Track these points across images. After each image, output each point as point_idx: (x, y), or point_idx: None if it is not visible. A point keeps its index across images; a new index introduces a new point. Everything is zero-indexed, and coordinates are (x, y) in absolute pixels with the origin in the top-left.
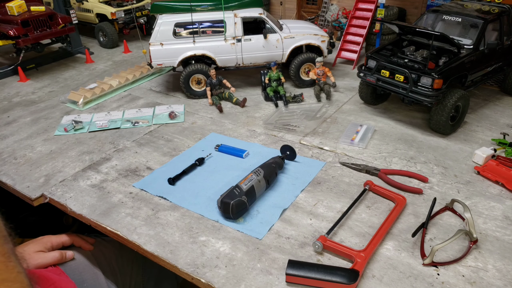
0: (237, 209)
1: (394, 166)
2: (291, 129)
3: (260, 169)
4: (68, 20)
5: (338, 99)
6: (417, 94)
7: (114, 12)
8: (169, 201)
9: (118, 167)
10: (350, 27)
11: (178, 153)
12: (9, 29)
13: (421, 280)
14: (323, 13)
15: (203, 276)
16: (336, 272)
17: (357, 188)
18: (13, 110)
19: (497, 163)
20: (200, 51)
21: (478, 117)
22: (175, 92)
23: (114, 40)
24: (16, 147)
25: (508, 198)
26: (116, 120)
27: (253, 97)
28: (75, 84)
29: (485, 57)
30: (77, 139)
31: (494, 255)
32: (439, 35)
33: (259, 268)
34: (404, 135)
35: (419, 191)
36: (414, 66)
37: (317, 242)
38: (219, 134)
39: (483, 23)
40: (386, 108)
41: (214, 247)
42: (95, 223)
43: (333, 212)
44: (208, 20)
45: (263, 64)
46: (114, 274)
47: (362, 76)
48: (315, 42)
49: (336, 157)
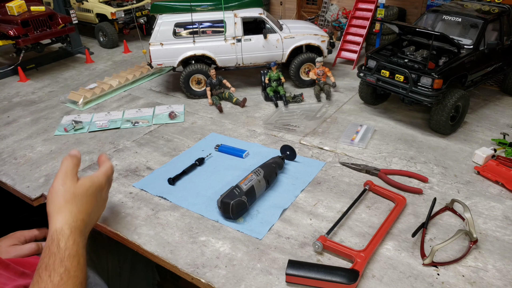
0: (237, 209)
1: (394, 166)
2: (291, 129)
3: (260, 169)
4: (68, 20)
5: (338, 99)
6: (417, 94)
7: (114, 12)
8: (169, 201)
9: (118, 167)
10: (350, 27)
11: (178, 153)
12: (9, 29)
13: (421, 280)
14: (323, 13)
15: (203, 276)
16: (336, 272)
17: (357, 188)
18: (13, 110)
19: (497, 163)
20: (200, 51)
21: (478, 117)
22: (175, 92)
23: (114, 40)
24: (16, 147)
25: (508, 198)
26: (116, 120)
27: (253, 97)
28: (75, 84)
29: (485, 57)
30: (77, 139)
31: (494, 255)
32: (439, 35)
33: (259, 268)
34: (404, 135)
35: (419, 191)
36: (414, 66)
37: (317, 242)
38: (219, 134)
39: (483, 23)
40: (386, 108)
41: (214, 247)
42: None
43: (333, 212)
44: (208, 20)
45: (263, 64)
46: (91, 259)
47: (362, 76)
48: (315, 42)
49: (336, 157)
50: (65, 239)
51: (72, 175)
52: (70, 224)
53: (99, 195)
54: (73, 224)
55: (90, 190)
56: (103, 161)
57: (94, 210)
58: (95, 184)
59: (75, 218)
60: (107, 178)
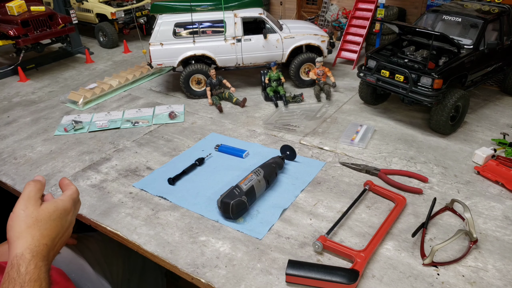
0: (237, 209)
1: (394, 166)
2: (291, 129)
3: (260, 169)
4: (68, 20)
5: (338, 99)
6: (417, 94)
7: (114, 12)
8: (169, 201)
9: (118, 167)
10: (350, 27)
11: (178, 153)
12: (9, 29)
13: (421, 280)
14: (323, 13)
15: (203, 276)
16: (336, 272)
17: (357, 188)
18: (13, 110)
19: (497, 163)
20: (200, 51)
21: (478, 117)
22: (175, 92)
23: (114, 40)
24: (16, 147)
25: (508, 198)
26: (116, 120)
27: (253, 97)
28: (75, 84)
29: (485, 57)
30: (77, 139)
31: (494, 255)
32: (439, 35)
33: (259, 268)
34: (404, 135)
35: (419, 191)
36: (414, 66)
37: (317, 242)
38: (219, 134)
39: (483, 23)
40: (386, 108)
41: (214, 247)
42: (95, 223)
43: (333, 212)
44: (208, 20)
45: (263, 64)
46: (100, 264)
47: (362, 76)
48: (315, 42)
49: (336, 157)
50: (25, 264)
51: (34, 200)
52: (31, 249)
53: (64, 220)
54: (35, 249)
55: (54, 214)
56: (67, 184)
57: (59, 234)
58: (60, 208)
59: (38, 243)
60: (73, 202)
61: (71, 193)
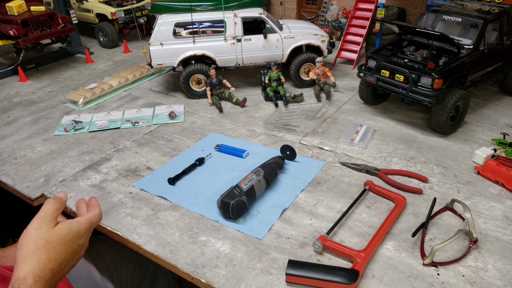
0: (237, 209)
1: (394, 166)
2: (291, 129)
3: (260, 169)
4: (68, 20)
5: (338, 99)
6: (417, 94)
7: (114, 12)
8: (169, 201)
9: (118, 167)
10: (350, 27)
11: (178, 153)
12: (9, 29)
13: (421, 280)
14: (323, 13)
15: (203, 276)
16: (336, 272)
17: (357, 188)
18: (13, 110)
19: (497, 163)
20: (200, 51)
21: (478, 117)
22: (175, 92)
23: (114, 40)
24: (16, 147)
25: (508, 198)
26: (116, 120)
27: (253, 97)
28: (75, 84)
29: (485, 57)
30: (77, 139)
31: (494, 255)
32: (439, 35)
33: (259, 268)
34: (404, 135)
35: (419, 191)
36: (414, 66)
37: (317, 242)
38: (219, 134)
39: (483, 23)
40: (386, 108)
41: (214, 247)
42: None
43: (333, 212)
44: (208, 20)
45: (263, 64)
46: (109, 271)
47: (362, 76)
48: (315, 42)
49: (336, 157)
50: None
51: (49, 220)
52: (35, 273)
53: (75, 243)
54: (38, 273)
55: (66, 237)
56: (93, 205)
57: (67, 258)
58: (74, 231)
59: (43, 267)
60: (90, 226)
61: (92, 217)
